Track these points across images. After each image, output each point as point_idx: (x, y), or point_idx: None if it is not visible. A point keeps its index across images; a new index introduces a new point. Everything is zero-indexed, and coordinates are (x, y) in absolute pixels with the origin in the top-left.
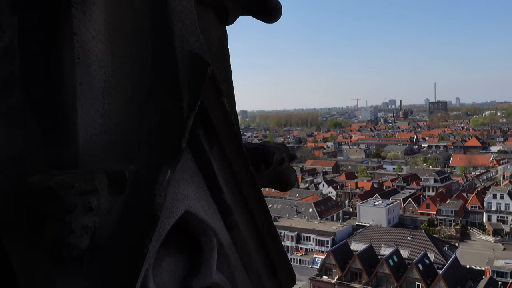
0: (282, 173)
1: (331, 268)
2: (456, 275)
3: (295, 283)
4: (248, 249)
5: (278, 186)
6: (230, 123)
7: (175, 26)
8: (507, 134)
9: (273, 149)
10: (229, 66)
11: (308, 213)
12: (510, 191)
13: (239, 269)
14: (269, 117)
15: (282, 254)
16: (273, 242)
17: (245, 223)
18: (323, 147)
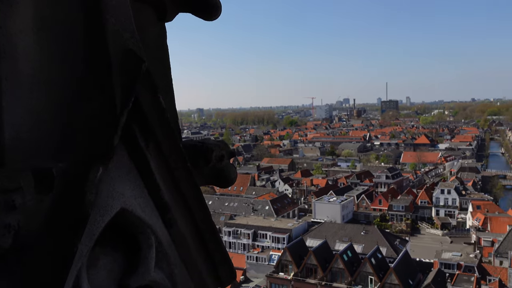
0: (221, 170)
1: (287, 264)
2: (406, 268)
3: (235, 279)
4: (188, 246)
5: (217, 183)
6: (166, 120)
7: (108, 22)
8: (454, 132)
9: (212, 146)
10: (168, 62)
11: (265, 211)
12: (456, 187)
13: (178, 266)
14: (226, 115)
15: (222, 250)
16: (212, 238)
17: (184, 220)
18: (279, 145)
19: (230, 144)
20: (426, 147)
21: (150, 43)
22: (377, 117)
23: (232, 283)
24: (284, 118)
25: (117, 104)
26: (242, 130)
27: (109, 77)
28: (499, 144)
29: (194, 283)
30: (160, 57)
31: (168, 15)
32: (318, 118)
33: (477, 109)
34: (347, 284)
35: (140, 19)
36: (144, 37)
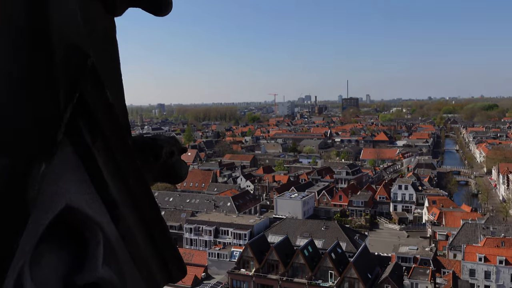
0: (172, 166)
1: (249, 260)
2: (365, 262)
3: (185, 275)
4: (137, 243)
5: (168, 179)
6: (114, 116)
7: (52, 16)
8: (411, 129)
9: (163, 142)
10: (117, 57)
11: (226, 207)
12: (413, 183)
13: (127, 263)
14: (188, 111)
15: (172, 247)
16: (162, 235)
17: (133, 217)
18: (241, 141)
19: (192, 140)
20: (385, 144)
21: (98, 37)
22: (338, 114)
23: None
24: (247, 114)
25: (60, 99)
26: (204, 126)
27: (52, 72)
28: (454, 141)
29: (144, 280)
30: (109, 52)
31: (117, 9)
32: (280, 115)
33: (434, 107)
34: (308, 279)
35: (88, 12)
36: (91, 31)
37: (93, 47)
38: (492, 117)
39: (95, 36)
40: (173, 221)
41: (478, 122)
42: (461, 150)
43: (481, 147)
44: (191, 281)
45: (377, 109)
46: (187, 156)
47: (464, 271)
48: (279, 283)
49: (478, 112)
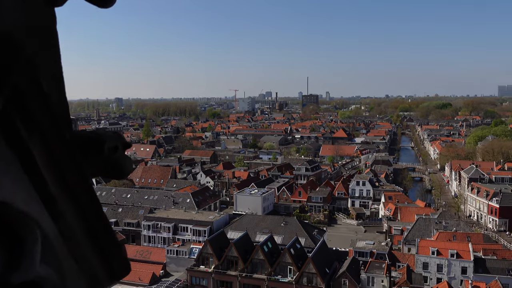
0: (115, 161)
1: (208, 257)
2: (323, 257)
3: (128, 272)
4: (77, 239)
5: (111, 175)
6: (52, 109)
7: None
8: (369, 127)
9: (105, 137)
10: (57, 49)
11: (186, 204)
12: (371, 179)
13: (68, 261)
14: (146, 106)
15: (115, 243)
16: (104, 231)
17: (73, 213)
18: (201, 137)
19: (151, 136)
20: (344, 140)
21: (36, 28)
22: (298, 110)
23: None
24: (207, 110)
25: None
26: (164, 122)
27: None
28: (410, 139)
29: (85, 277)
30: (47, 43)
31: (58, 0)
32: (240, 111)
33: (391, 105)
34: (267, 274)
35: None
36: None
37: (30, 38)
38: (445, 115)
39: (32, 26)
40: (130, 218)
41: (432, 120)
42: (416, 147)
43: (435, 144)
44: (149, 278)
45: (336, 106)
46: (145, 152)
47: (417, 265)
48: (239, 279)
49: (433, 111)
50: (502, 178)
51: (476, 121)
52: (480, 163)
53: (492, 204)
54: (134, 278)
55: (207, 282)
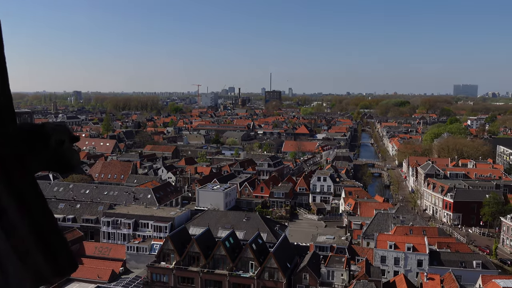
0: (61, 155)
1: (169, 253)
2: (285, 252)
3: (75, 269)
4: (20, 235)
5: (57, 169)
6: None
7: None
8: (330, 123)
9: (51, 130)
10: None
11: (147, 199)
12: (332, 174)
13: (10, 257)
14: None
15: (61, 240)
16: (49, 227)
17: (15, 208)
18: (163, 132)
19: (111, 130)
20: (306, 136)
21: None
22: (261, 106)
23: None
24: (169, 104)
25: None
26: (124, 116)
27: None
28: (369, 135)
29: (29, 274)
30: None
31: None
32: (203, 106)
33: (352, 102)
34: (229, 270)
35: None
36: None
37: None
38: (404, 113)
39: None
40: (89, 214)
41: (391, 118)
42: (375, 143)
43: (394, 141)
44: (108, 276)
45: (298, 103)
46: (105, 147)
47: (376, 258)
48: (200, 275)
49: (392, 108)
50: (456, 174)
51: (432, 119)
52: (436, 159)
53: (447, 199)
54: (92, 275)
55: (168, 279)
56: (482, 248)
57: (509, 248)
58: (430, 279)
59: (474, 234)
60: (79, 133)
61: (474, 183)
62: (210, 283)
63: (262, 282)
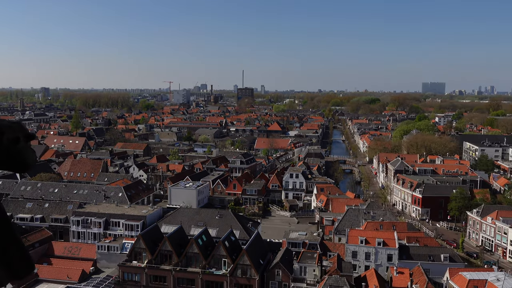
0: (16, 153)
1: (141, 252)
2: (258, 249)
3: (31, 271)
4: None
5: (11, 167)
6: None
7: None
8: (302, 120)
9: (3, 128)
10: None
11: (118, 198)
12: (304, 171)
13: None
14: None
15: (16, 242)
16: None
17: None
18: (134, 129)
19: (80, 128)
20: (278, 133)
21: None
22: (233, 103)
23: (81, 277)
24: (140, 101)
25: None
26: (94, 113)
27: None
28: (341, 132)
29: None
30: None
31: None
32: (175, 103)
33: (323, 100)
34: (202, 267)
35: None
36: None
37: None
38: (374, 110)
39: None
40: (58, 213)
41: (362, 115)
42: (347, 140)
43: (364, 138)
44: (78, 276)
45: (271, 100)
46: (74, 145)
47: (347, 253)
48: (173, 274)
49: (362, 105)
50: (424, 170)
51: (402, 116)
52: (405, 155)
53: (416, 194)
54: (62, 276)
55: (140, 278)
56: (449, 242)
57: (475, 241)
58: (400, 273)
59: (442, 228)
60: (47, 130)
61: (442, 179)
62: (183, 281)
63: (235, 279)
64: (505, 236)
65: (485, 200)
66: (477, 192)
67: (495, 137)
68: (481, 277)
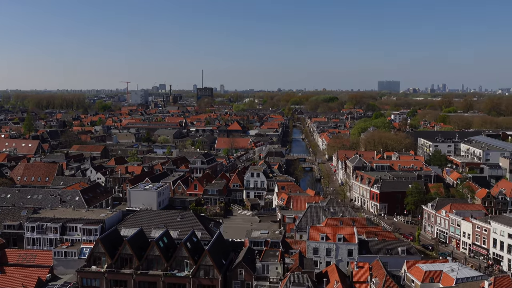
0: None
1: (100, 256)
2: (220, 249)
3: None
4: None
5: None
6: None
7: None
8: (262, 119)
9: None
10: None
11: (75, 202)
12: (265, 170)
13: None
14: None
15: None
16: None
17: None
18: (91, 131)
19: (33, 130)
20: (239, 133)
21: None
22: (193, 103)
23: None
24: (96, 102)
25: None
26: (48, 115)
27: None
28: (300, 131)
29: None
30: None
31: None
32: (133, 104)
33: (283, 99)
34: (163, 270)
35: None
36: None
37: None
38: (332, 108)
39: None
40: (11, 219)
41: (321, 113)
42: (306, 138)
43: (323, 136)
44: (34, 284)
45: (231, 99)
46: (27, 148)
47: (309, 250)
48: (134, 277)
49: (321, 104)
50: (382, 166)
51: (359, 114)
52: (363, 152)
53: (374, 190)
54: (17, 284)
55: (100, 283)
56: (406, 235)
57: (430, 234)
58: (360, 267)
59: (399, 222)
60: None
61: (398, 174)
62: (144, 285)
63: (197, 280)
64: (458, 228)
65: (439, 194)
66: (431, 187)
67: (447, 133)
68: (436, 268)
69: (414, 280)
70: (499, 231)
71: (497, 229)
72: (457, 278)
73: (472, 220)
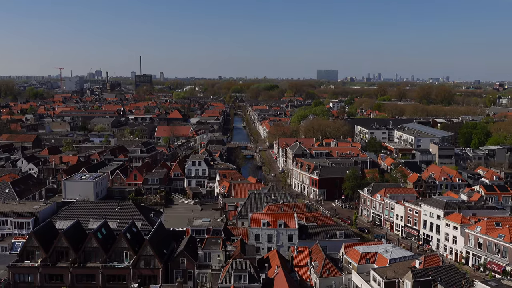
0: None
1: (34, 250)
2: (161, 239)
3: None
4: None
5: None
6: None
7: None
8: (203, 107)
9: None
10: None
11: (5, 194)
12: (206, 158)
13: None
14: None
15: None
16: None
17: None
18: (21, 119)
19: None
20: (179, 121)
21: None
22: (131, 91)
23: None
24: (27, 89)
25: None
26: None
27: None
28: (242, 119)
29: None
30: None
31: None
32: (67, 91)
33: (224, 87)
34: (102, 262)
35: None
36: None
37: None
38: (273, 96)
39: None
40: None
41: (262, 101)
42: (247, 126)
43: (265, 123)
44: None
45: (171, 87)
46: None
47: (250, 237)
48: (70, 270)
49: (262, 92)
50: (321, 153)
51: (299, 102)
52: (303, 140)
53: (313, 176)
54: None
55: (34, 278)
56: (344, 219)
57: (366, 217)
58: (300, 251)
59: (338, 207)
60: None
61: (336, 161)
62: (82, 278)
63: (138, 271)
64: (392, 211)
65: (374, 179)
66: (367, 172)
67: (382, 121)
68: (372, 250)
69: (351, 262)
70: (428, 213)
71: (426, 211)
72: (391, 258)
73: (405, 203)
